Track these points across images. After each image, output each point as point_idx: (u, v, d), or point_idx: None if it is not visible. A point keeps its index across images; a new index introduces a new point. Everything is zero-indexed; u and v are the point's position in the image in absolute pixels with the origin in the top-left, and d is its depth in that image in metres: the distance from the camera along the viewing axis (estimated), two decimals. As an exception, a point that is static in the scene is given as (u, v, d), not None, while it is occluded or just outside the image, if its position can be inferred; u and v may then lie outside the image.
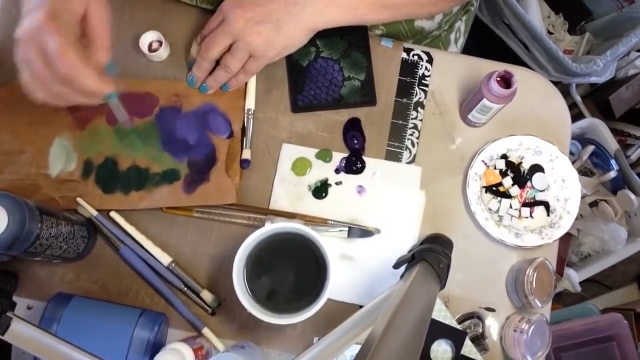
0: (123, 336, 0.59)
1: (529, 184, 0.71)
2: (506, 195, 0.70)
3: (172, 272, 0.65)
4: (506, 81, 0.63)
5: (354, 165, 0.70)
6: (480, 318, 0.67)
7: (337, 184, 0.69)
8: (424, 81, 0.73)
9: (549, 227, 0.69)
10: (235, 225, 0.68)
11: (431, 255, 0.47)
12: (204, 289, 0.65)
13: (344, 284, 0.66)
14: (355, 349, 0.61)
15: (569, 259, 1.32)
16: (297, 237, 0.60)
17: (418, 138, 0.71)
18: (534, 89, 0.74)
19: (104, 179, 0.66)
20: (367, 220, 0.68)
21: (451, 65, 0.74)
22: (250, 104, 0.70)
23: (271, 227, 0.58)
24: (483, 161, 0.70)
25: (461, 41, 0.91)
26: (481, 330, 0.67)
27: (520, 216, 0.70)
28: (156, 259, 0.65)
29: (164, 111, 0.68)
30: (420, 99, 0.73)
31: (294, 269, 0.60)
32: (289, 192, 0.69)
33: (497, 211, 0.70)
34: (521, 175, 0.71)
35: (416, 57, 0.73)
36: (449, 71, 0.74)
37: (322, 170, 0.70)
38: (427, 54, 0.74)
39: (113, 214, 0.66)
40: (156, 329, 0.60)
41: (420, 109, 0.72)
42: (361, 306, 0.45)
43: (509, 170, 0.71)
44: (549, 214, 0.70)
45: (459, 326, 0.66)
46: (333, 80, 0.71)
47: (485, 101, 0.64)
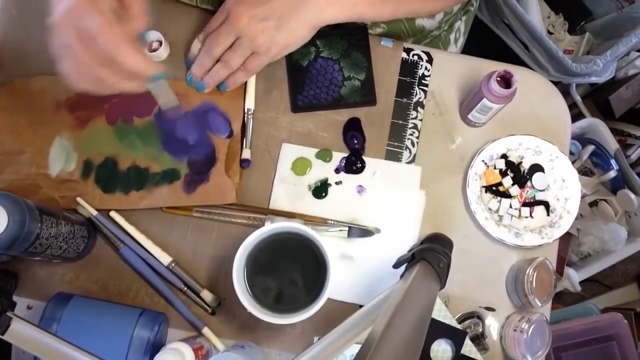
0: (123, 336, 0.59)
1: (529, 183, 0.71)
2: (506, 195, 0.70)
3: (172, 271, 0.65)
4: (506, 81, 0.63)
5: (354, 165, 0.70)
6: (480, 318, 0.67)
7: (337, 183, 0.69)
8: (424, 81, 0.73)
9: (549, 227, 0.69)
10: (235, 225, 0.68)
11: (431, 254, 0.47)
12: (204, 288, 0.65)
13: (344, 283, 0.66)
14: (355, 348, 0.61)
15: (569, 258, 1.32)
16: (297, 237, 0.60)
17: (418, 138, 0.71)
18: (534, 89, 0.74)
19: (104, 179, 0.66)
20: (367, 220, 0.68)
21: (451, 65, 0.74)
22: (250, 103, 0.70)
23: (271, 226, 0.58)
24: (483, 161, 0.70)
25: (461, 41, 0.91)
26: (481, 330, 0.67)
27: (520, 216, 0.70)
28: (156, 258, 0.65)
29: (163, 110, 0.68)
30: (420, 98, 0.73)
31: (294, 268, 0.60)
32: (289, 192, 0.69)
33: (497, 211, 0.70)
34: (521, 175, 0.71)
35: (416, 57, 0.73)
36: (449, 71, 0.74)
37: (322, 170, 0.70)
38: (427, 54, 0.74)
39: (113, 213, 0.66)
40: (156, 328, 0.60)
41: (420, 108, 0.72)
42: (361, 306, 0.45)
43: (509, 170, 0.71)
44: (549, 214, 0.70)
45: (459, 326, 0.66)
46: (333, 80, 0.71)
47: (485, 101, 0.64)
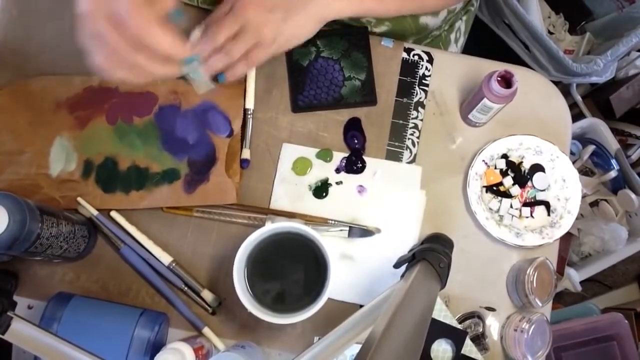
0: (123, 336, 0.59)
1: (529, 183, 0.71)
2: (507, 194, 0.70)
3: (172, 271, 0.65)
4: (507, 81, 0.63)
5: (354, 165, 0.70)
6: (481, 317, 0.67)
7: (337, 183, 0.69)
8: (424, 81, 0.73)
9: (549, 227, 0.69)
10: (235, 225, 0.68)
11: (432, 254, 0.47)
12: (204, 288, 0.65)
13: (344, 283, 0.66)
14: (356, 348, 0.61)
15: (570, 258, 1.31)
16: (297, 237, 0.60)
17: (418, 138, 0.71)
18: (534, 88, 0.74)
19: (104, 179, 0.66)
20: (368, 219, 0.68)
21: (451, 65, 0.74)
22: (250, 103, 0.70)
23: (271, 226, 0.58)
24: (483, 161, 0.70)
25: (461, 41, 0.91)
26: (482, 330, 0.67)
27: (520, 216, 0.70)
28: (157, 258, 0.65)
29: (163, 110, 0.68)
30: (420, 98, 0.72)
31: (294, 268, 0.60)
32: (289, 192, 0.69)
33: (498, 211, 0.70)
34: (522, 175, 0.71)
35: (416, 57, 0.73)
36: (450, 71, 0.74)
37: (322, 170, 0.70)
38: (428, 53, 0.74)
39: (113, 213, 0.66)
40: (157, 328, 0.60)
41: (420, 108, 0.72)
42: (361, 306, 0.45)
43: (510, 170, 0.71)
44: (549, 214, 0.70)
45: (459, 326, 0.66)
46: (333, 80, 0.71)
47: (486, 101, 0.64)
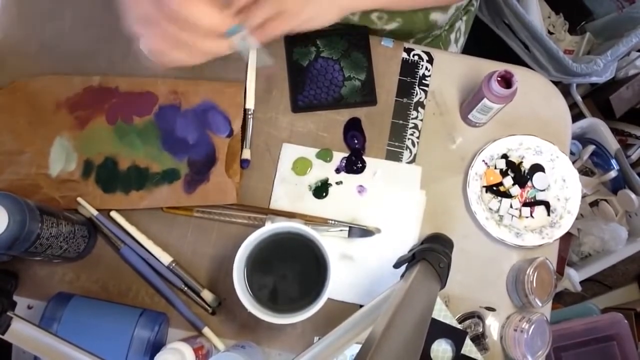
0: (123, 336, 0.59)
1: (529, 183, 0.71)
2: (507, 195, 0.70)
3: (172, 271, 0.65)
4: (507, 81, 0.63)
5: (354, 165, 0.70)
6: (481, 317, 0.67)
7: (337, 183, 0.69)
8: (424, 81, 0.73)
9: (549, 227, 0.69)
10: (235, 225, 0.68)
11: (432, 254, 0.47)
12: (204, 288, 0.65)
13: (344, 283, 0.66)
14: (356, 348, 0.61)
15: (570, 258, 1.31)
16: (297, 237, 0.60)
17: (418, 138, 0.71)
18: (534, 89, 0.74)
19: (104, 179, 0.66)
20: (368, 220, 0.68)
21: (451, 65, 0.74)
22: (250, 104, 0.70)
23: (271, 226, 0.58)
24: (483, 161, 0.70)
25: (461, 41, 0.91)
26: (481, 330, 0.67)
27: (520, 216, 0.70)
28: (156, 258, 0.65)
29: (163, 110, 0.68)
30: (420, 98, 0.72)
31: (294, 268, 0.60)
32: (289, 192, 0.69)
33: (498, 211, 0.70)
34: (522, 175, 0.71)
35: (416, 57, 0.73)
36: (449, 71, 0.74)
37: (322, 170, 0.70)
38: (428, 53, 0.74)
39: (113, 213, 0.66)
40: (156, 328, 0.60)
41: (420, 108, 0.72)
42: (361, 306, 0.45)
43: (510, 170, 0.71)
44: (549, 214, 0.70)
45: (459, 326, 0.66)
46: (333, 80, 0.71)
47: (486, 101, 0.64)
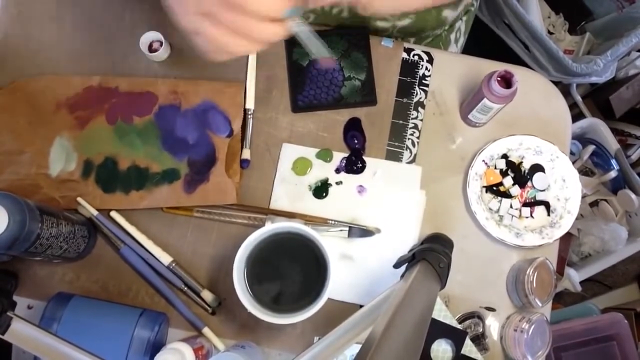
0: (123, 336, 0.59)
1: (529, 183, 0.71)
2: (507, 195, 0.70)
3: (172, 271, 0.65)
4: (507, 81, 0.63)
5: (354, 165, 0.70)
6: (481, 318, 0.67)
7: (337, 183, 0.69)
8: (424, 81, 0.73)
9: (549, 227, 0.69)
10: (235, 225, 0.68)
11: (431, 254, 0.47)
12: (204, 288, 0.65)
13: (344, 283, 0.66)
14: (356, 348, 0.61)
15: (570, 258, 1.31)
16: (297, 237, 0.60)
17: (418, 138, 0.71)
18: (534, 89, 0.74)
19: (104, 179, 0.66)
20: (368, 220, 0.68)
21: (451, 65, 0.74)
22: (250, 104, 0.70)
23: (271, 226, 0.58)
24: (483, 161, 0.70)
25: (461, 41, 0.91)
26: (481, 330, 0.67)
27: (520, 216, 0.70)
28: (156, 258, 0.65)
29: (163, 110, 0.68)
30: (420, 98, 0.72)
31: (294, 268, 0.60)
32: (289, 192, 0.69)
33: (498, 211, 0.70)
34: (522, 175, 0.71)
35: (416, 57, 0.73)
36: (449, 71, 0.74)
37: (322, 170, 0.70)
38: (428, 53, 0.74)
39: (113, 213, 0.66)
40: (156, 328, 0.60)
41: (420, 108, 0.72)
42: (361, 306, 0.45)
43: (510, 170, 0.71)
44: (549, 214, 0.70)
45: (459, 326, 0.66)
46: (333, 80, 0.71)
47: (486, 101, 0.64)
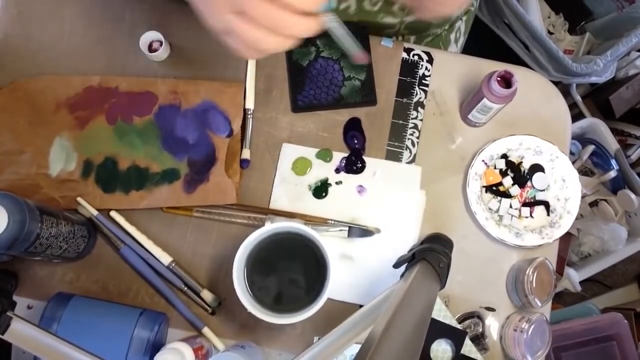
0: (123, 336, 0.59)
1: (529, 183, 0.71)
2: (506, 195, 0.70)
3: (172, 271, 0.65)
4: (506, 81, 0.63)
5: (354, 165, 0.70)
6: (481, 317, 0.67)
7: (337, 183, 0.69)
8: (424, 81, 0.73)
9: (549, 227, 0.69)
10: (235, 225, 0.68)
11: (431, 254, 0.47)
12: (204, 288, 0.65)
13: (344, 283, 0.66)
14: (356, 348, 0.61)
15: (569, 258, 1.32)
16: (297, 237, 0.60)
17: (418, 138, 0.71)
18: (534, 89, 0.74)
19: (104, 179, 0.66)
20: (367, 219, 0.68)
21: (451, 65, 0.74)
22: (250, 104, 0.70)
23: (271, 226, 0.58)
24: (483, 161, 0.70)
25: (461, 41, 0.91)
26: (481, 330, 0.67)
27: (520, 216, 0.70)
28: (156, 258, 0.65)
29: (163, 110, 0.68)
30: (420, 98, 0.72)
31: (294, 268, 0.60)
32: (289, 192, 0.69)
33: (497, 211, 0.70)
34: (521, 175, 0.71)
35: (416, 57, 0.73)
36: (449, 71, 0.74)
37: (322, 170, 0.70)
38: (427, 53, 0.74)
39: (113, 213, 0.66)
40: (156, 328, 0.60)
41: (420, 108, 0.72)
42: (361, 306, 0.45)
43: (509, 170, 0.71)
44: (549, 214, 0.70)
45: (459, 326, 0.66)
46: (333, 80, 0.71)
47: (486, 101, 0.64)
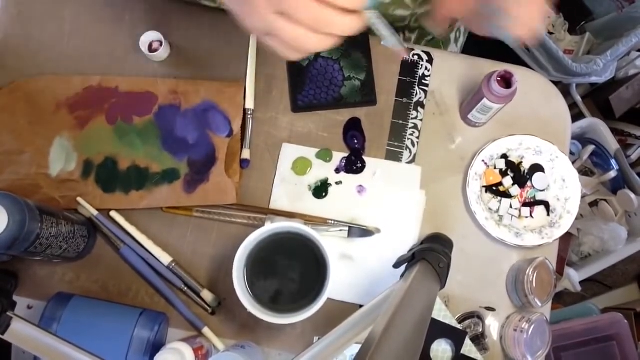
0: (123, 336, 0.59)
1: (529, 183, 0.71)
2: (506, 195, 0.70)
3: (172, 271, 0.65)
4: (506, 81, 0.63)
5: (354, 165, 0.70)
6: (481, 317, 0.67)
7: (337, 183, 0.69)
8: (424, 81, 0.73)
9: (549, 227, 0.69)
10: (235, 225, 0.68)
11: (431, 254, 0.47)
12: (204, 288, 0.65)
13: (344, 283, 0.66)
14: (356, 348, 0.61)
15: (569, 258, 1.32)
16: (297, 237, 0.60)
17: (418, 138, 0.71)
18: (534, 89, 0.74)
19: (104, 179, 0.66)
20: (367, 219, 0.68)
21: (451, 65, 0.74)
22: (250, 104, 0.70)
23: (271, 226, 0.58)
24: (483, 161, 0.70)
25: (461, 40, 0.91)
26: (481, 330, 0.67)
27: (520, 216, 0.70)
28: (156, 258, 0.65)
29: (163, 110, 0.68)
30: (420, 98, 0.72)
31: (294, 268, 0.60)
32: (289, 192, 0.69)
33: (497, 211, 0.70)
34: (521, 175, 0.71)
35: (416, 57, 0.73)
36: (449, 71, 0.74)
37: (322, 170, 0.70)
38: (427, 53, 0.74)
39: (113, 213, 0.66)
40: (156, 328, 0.60)
41: (420, 108, 0.72)
42: (361, 306, 0.45)
43: (509, 170, 0.71)
44: (549, 214, 0.70)
45: (459, 326, 0.66)
46: (333, 80, 0.71)
47: (486, 101, 0.64)
